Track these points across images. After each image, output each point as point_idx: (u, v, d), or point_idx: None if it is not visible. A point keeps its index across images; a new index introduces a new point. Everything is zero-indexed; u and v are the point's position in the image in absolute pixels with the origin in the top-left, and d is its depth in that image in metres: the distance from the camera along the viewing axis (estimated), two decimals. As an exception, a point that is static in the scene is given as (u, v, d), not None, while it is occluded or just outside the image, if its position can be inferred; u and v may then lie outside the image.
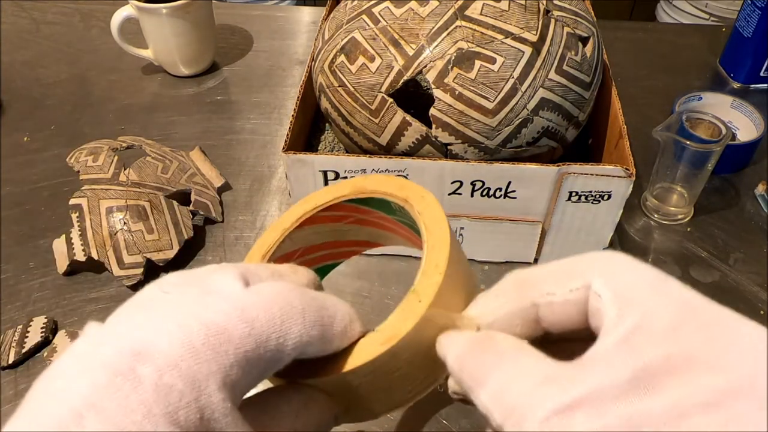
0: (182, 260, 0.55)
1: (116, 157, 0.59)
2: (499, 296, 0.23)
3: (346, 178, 0.49)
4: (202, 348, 0.19)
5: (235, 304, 0.20)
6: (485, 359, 0.21)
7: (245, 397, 0.21)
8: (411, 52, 0.46)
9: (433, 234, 0.25)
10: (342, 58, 0.49)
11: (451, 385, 0.25)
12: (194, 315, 0.19)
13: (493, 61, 0.45)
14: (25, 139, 0.70)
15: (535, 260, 0.55)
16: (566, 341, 0.22)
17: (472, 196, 0.49)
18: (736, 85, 0.77)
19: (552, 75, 0.46)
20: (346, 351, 0.23)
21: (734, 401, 0.16)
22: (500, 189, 0.49)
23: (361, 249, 0.35)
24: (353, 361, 0.23)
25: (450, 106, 0.46)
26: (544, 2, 0.48)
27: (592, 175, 0.47)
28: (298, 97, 0.54)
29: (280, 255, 0.30)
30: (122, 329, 0.19)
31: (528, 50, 0.46)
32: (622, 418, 0.17)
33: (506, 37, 0.46)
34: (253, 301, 0.21)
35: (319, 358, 0.23)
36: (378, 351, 0.22)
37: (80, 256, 0.52)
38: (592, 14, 0.55)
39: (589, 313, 0.21)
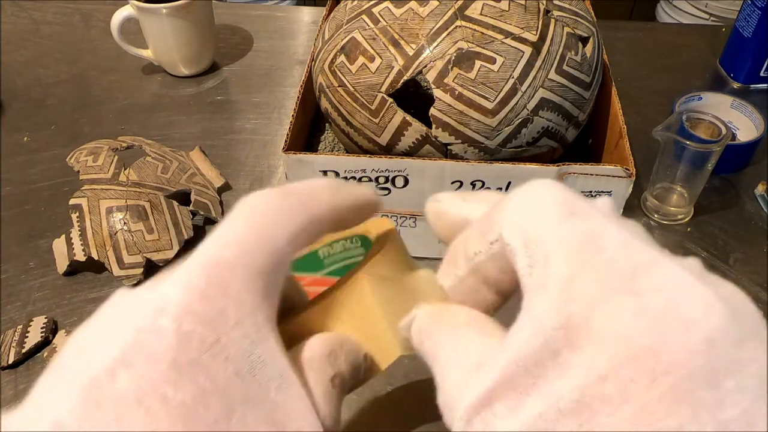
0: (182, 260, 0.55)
1: (116, 157, 0.59)
2: (448, 265, 0.22)
3: (346, 178, 0.49)
4: (206, 286, 0.18)
5: (222, 231, 0.20)
6: (438, 335, 0.20)
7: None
8: (411, 52, 0.46)
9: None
10: (342, 58, 0.49)
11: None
12: (195, 259, 0.19)
13: (493, 61, 0.45)
14: (25, 139, 0.70)
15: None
16: None
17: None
18: (736, 85, 0.77)
19: (552, 75, 0.46)
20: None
21: (628, 376, 0.15)
22: (500, 189, 0.49)
23: None
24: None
25: (450, 106, 0.46)
26: (544, 2, 0.48)
27: (592, 175, 0.47)
28: (298, 97, 0.54)
29: None
30: (145, 290, 0.19)
31: (528, 50, 0.46)
32: (533, 416, 0.16)
33: (506, 37, 0.46)
34: (235, 220, 0.20)
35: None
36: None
37: (80, 256, 0.52)
38: (592, 14, 0.55)
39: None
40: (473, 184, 0.48)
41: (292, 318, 0.23)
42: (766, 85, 0.76)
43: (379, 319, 0.23)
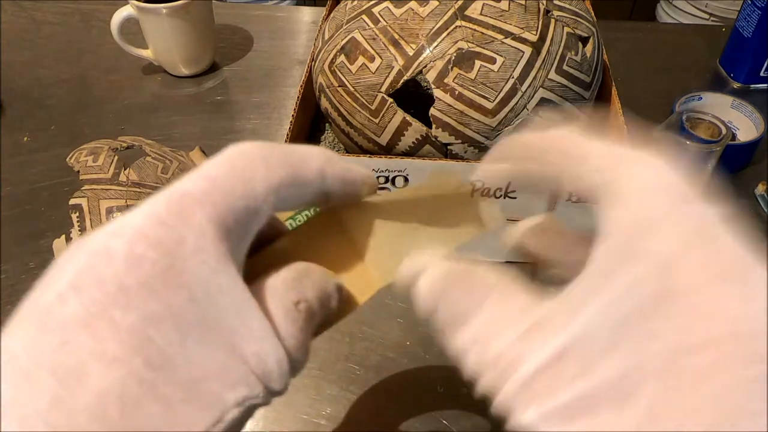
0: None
1: (116, 157, 0.59)
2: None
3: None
4: (166, 214, 0.18)
5: (200, 168, 0.20)
6: (467, 298, 0.20)
7: None
8: (411, 52, 0.46)
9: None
10: (342, 58, 0.49)
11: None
12: (164, 190, 0.19)
13: (493, 61, 0.45)
14: (25, 139, 0.70)
15: (535, 260, 0.55)
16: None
17: (472, 196, 0.49)
18: (736, 85, 0.77)
19: (552, 75, 0.46)
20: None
21: (723, 354, 0.15)
22: (500, 189, 0.49)
23: None
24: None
25: (450, 106, 0.46)
26: (544, 2, 0.48)
27: (592, 175, 0.47)
28: (298, 97, 0.54)
29: None
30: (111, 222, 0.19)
31: (528, 50, 0.46)
32: (611, 377, 0.16)
33: (506, 37, 0.46)
34: (213, 161, 0.20)
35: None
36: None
37: (80, 256, 0.52)
38: (592, 14, 0.55)
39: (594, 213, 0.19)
40: (473, 184, 0.48)
41: (265, 249, 0.23)
42: (766, 85, 0.76)
43: (355, 253, 0.23)
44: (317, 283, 0.21)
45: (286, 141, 0.49)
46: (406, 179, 0.49)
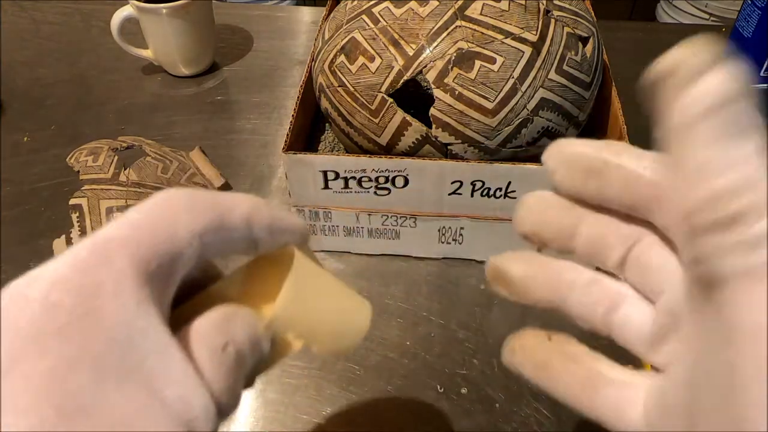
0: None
1: (116, 157, 0.59)
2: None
3: (345, 178, 0.49)
4: (87, 259, 0.18)
5: (125, 215, 0.20)
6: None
7: None
8: (411, 52, 0.46)
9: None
10: (342, 58, 0.49)
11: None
12: (90, 236, 0.19)
13: (493, 61, 0.45)
14: (25, 139, 0.70)
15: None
16: None
17: (472, 196, 0.49)
18: (736, 85, 0.77)
19: (552, 75, 0.46)
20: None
21: None
22: (500, 189, 0.49)
23: None
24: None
25: (450, 106, 0.46)
26: (544, 2, 0.48)
27: (592, 175, 0.47)
28: (298, 97, 0.54)
29: None
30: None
31: (528, 50, 0.46)
32: None
33: (506, 37, 0.46)
34: (138, 207, 0.20)
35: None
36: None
37: (80, 256, 0.52)
38: (592, 14, 0.55)
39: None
40: (473, 184, 0.48)
41: (197, 295, 0.23)
42: (766, 85, 0.76)
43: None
44: (247, 326, 0.21)
45: (286, 141, 0.49)
46: (406, 179, 0.49)
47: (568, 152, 0.22)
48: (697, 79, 0.16)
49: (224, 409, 0.20)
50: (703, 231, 0.16)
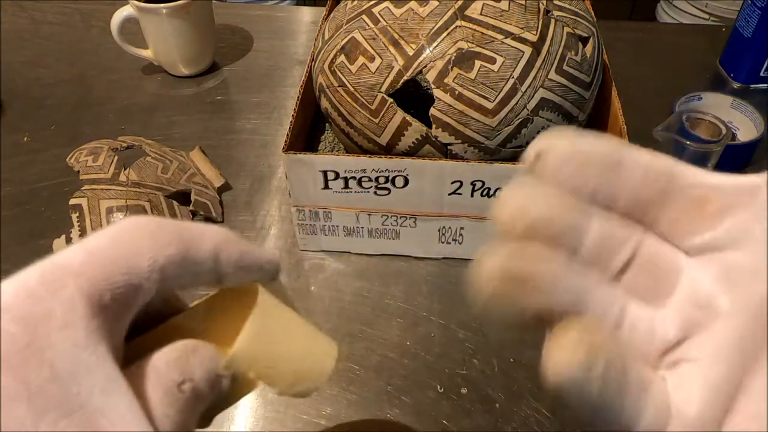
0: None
1: (116, 157, 0.59)
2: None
3: (345, 178, 0.49)
4: (37, 286, 0.18)
5: (82, 241, 0.19)
6: None
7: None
8: (411, 52, 0.46)
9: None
10: (342, 58, 0.49)
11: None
12: (41, 261, 0.18)
13: (493, 61, 0.45)
14: (25, 139, 0.70)
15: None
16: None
17: (472, 196, 0.49)
18: (736, 85, 0.76)
19: (552, 75, 0.46)
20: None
21: None
22: (500, 189, 0.49)
23: None
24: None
25: (450, 106, 0.46)
26: (544, 2, 0.48)
27: (592, 175, 0.47)
28: (298, 97, 0.54)
29: None
30: None
31: (528, 50, 0.46)
32: None
33: (506, 37, 0.46)
34: (97, 233, 0.19)
35: None
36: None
37: (80, 256, 0.52)
38: (592, 14, 0.55)
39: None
40: (473, 184, 0.48)
41: (157, 327, 0.22)
42: (766, 85, 0.76)
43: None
44: (206, 363, 0.20)
45: (285, 141, 0.49)
46: (406, 179, 0.49)
47: (577, 149, 0.20)
48: None
49: None
50: None
